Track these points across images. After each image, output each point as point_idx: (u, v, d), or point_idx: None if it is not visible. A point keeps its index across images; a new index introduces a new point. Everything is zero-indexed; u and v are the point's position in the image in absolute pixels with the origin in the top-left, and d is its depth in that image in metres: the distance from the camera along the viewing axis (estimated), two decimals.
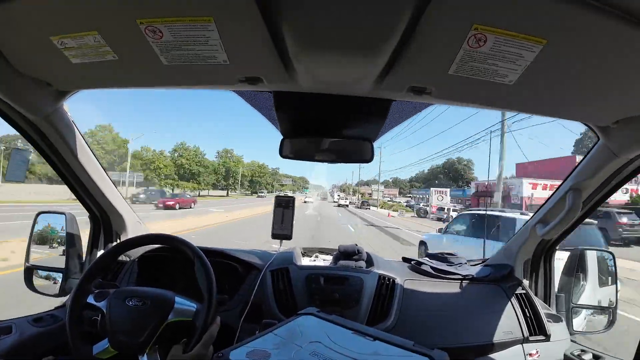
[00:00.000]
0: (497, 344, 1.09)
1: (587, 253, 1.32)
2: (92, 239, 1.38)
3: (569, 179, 1.06)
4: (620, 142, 0.85)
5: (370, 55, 0.62)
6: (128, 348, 0.80)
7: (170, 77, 0.75)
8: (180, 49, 0.62)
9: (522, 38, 0.54)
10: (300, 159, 1.11)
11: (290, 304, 1.12)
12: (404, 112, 0.97)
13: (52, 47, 0.64)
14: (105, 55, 0.66)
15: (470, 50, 0.58)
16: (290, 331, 0.74)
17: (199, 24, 0.56)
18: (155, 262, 1.27)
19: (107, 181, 1.25)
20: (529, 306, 1.20)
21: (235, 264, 1.26)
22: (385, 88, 0.76)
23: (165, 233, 1.02)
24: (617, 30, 0.50)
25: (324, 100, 0.85)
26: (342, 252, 1.37)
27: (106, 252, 0.99)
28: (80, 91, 0.90)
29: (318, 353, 0.64)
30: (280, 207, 1.33)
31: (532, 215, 1.28)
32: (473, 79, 0.65)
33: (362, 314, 1.10)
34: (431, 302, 1.18)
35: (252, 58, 0.67)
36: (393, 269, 1.28)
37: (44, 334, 1.04)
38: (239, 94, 0.93)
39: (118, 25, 0.58)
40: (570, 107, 0.76)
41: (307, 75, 0.72)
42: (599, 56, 0.56)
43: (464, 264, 1.42)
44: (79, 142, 1.07)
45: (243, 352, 0.64)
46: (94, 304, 0.88)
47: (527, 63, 0.59)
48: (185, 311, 0.86)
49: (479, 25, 0.52)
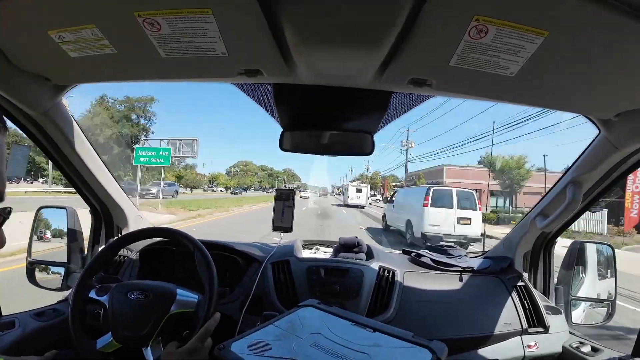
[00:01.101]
0: (496, 335, 1.10)
1: (587, 246, 1.32)
2: (93, 233, 1.39)
3: (569, 171, 1.06)
4: (622, 135, 0.85)
5: (370, 48, 0.62)
6: (131, 341, 0.81)
7: (169, 70, 0.74)
8: (179, 41, 0.62)
9: (524, 29, 0.53)
10: (300, 151, 1.11)
11: (290, 296, 1.13)
12: (405, 104, 0.97)
13: (49, 41, 0.63)
14: (104, 48, 0.65)
15: (472, 41, 0.57)
16: (291, 323, 0.75)
17: (197, 16, 0.56)
18: (157, 256, 1.28)
19: (108, 175, 1.25)
20: (528, 298, 1.20)
21: (236, 257, 1.26)
22: (386, 80, 0.75)
23: (165, 226, 1.03)
24: (620, 22, 0.49)
25: (324, 92, 0.85)
26: (342, 244, 1.38)
27: (107, 246, 1.00)
28: (78, 85, 0.90)
29: (318, 344, 0.65)
30: (280, 200, 1.33)
31: (532, 208, 1.28)
32: (474, 70, 0.65)
33: (362, 305, 1.11)
34: (431, 294, 1.19)
35: (251, 50, 0.66)
36: (393, 261, 1.28)
37: (46, 328, 1.05)
38: (238, 87, 0.92)
39: (116, 18, 0.58)
40: (572, 100, 0.76)
41: (307, 67, 0.72)
42: (601, 48, 0.56)
43: (464, 256, 1.43)
44: (79, 137, 1.07)
45: (244, 343, 0.65)
46: (96, 298, 0.89)
47: (529, 55, 0.59)
48: (188, 302, 0.87)
49: (480, 16, 0.52)
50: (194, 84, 0.90)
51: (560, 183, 1.12)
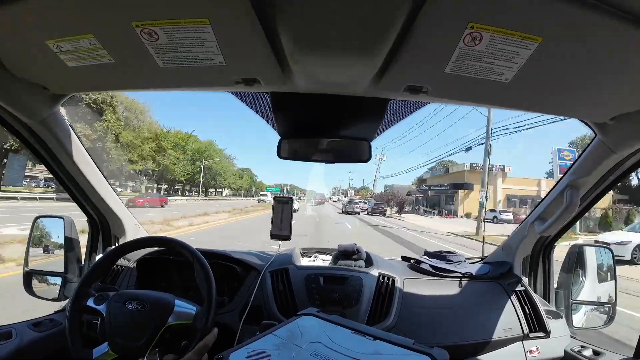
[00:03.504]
0: (497, 341, 1.09)
1: (586, 249, 1.32)
2: (90, 243, 1.37)
3: (567, 175, 1.06)
4: (617, 139, 0.86)
5: (366, 56, 0.62)
6: (128, 351, 0.80)
7: (167, 80, 0.75)
8: (177, 51, 0.62)
9: (518, 36, 0.54)
10: (298, 159, 1.11)
11: (290, 305, 1.12)
12: (401, 111, 0.97)
13: (47, 50, 0.64)
14: (101, 58, 0.66)
15: (466, 48, 0.58)
16: (291, 332, 0.74)
17: (194, 26, 0.56)
18: (155, 265, 1.27)
19: (105, 185, 1.25)
20: (529, 303, 1.20)
21: (234, 266, 1.26)
22: (382, 88, 0.76)
23: (164, 236, 1.02)
24: (612, 27, 0.50)
25: (321, 100, 0.85)
26: (341, 251, 1.37)
27: (105, 256, 0.99)
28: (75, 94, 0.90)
29: (318, 353, 0.64)
30: (279, 208, 1.33)
31: (530, 213, 1.29)
32: (469, 77, 0.66)
33: (362, 313, 1.10)
34: (431, 300, 1.18)
35: (249, 59, 0.67)
36: (392, 268, 1.28)
37: (43, 338, 1.04)
38: (235, 95, 0.93)
39: (114, 28, 0.58)
40: (567, 104, 0.76)
41: (304, 75, 0.72)
42: (594, 53, 0.57)
43: (463, 261, 1.42)
44: (76, 146, 1.06)
45: (243, 353, 0.64)
46: (93, 307, 0.88)
47: (523, 61, 0.59)
48: (185, 314, 0.86)
49: (474, 23, 0.52)
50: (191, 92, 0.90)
51: (558, 187, 1.12)
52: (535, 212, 1.23)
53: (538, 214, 1.21)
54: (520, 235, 1.33)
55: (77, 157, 1.08)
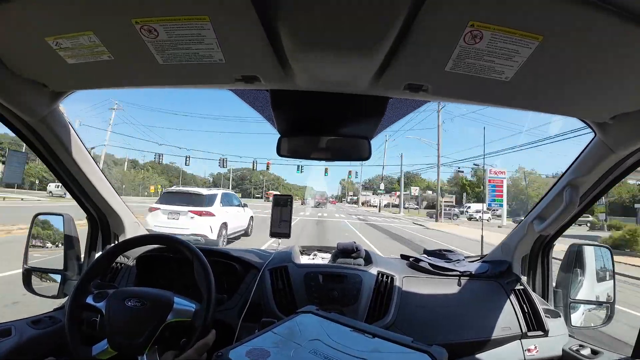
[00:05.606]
0: (495, 339, 1.10)
1: (585, 249, 1.32)
2: (90, 240, 1.37)
3: (566, 175, 1.06)
4: (617, 138, 0.86)
5: (366, 54, 0.62)
6: (127, 349, 0.80)
7: (167, 77, 0.74)
8: (176, 48, 0.62)
9: (518, 34, 0.54)
10: (298, 157, 1.11)
11: (289, 303, 1.12)
12: (401, 109, 0.97)
13: (47, 47, 0.64)
14: (101, 55, 0.65)
15: (467, 47, 0.58)
16: (290, 329, 0.74)
17: (194, 23, 0.56)
18: (154, 263, 1.27)
19: (105, 182, 1.24)
20: (527, 302, 1.20)
21: (233, 263, 1.26)
22: (382, 86, 0.76)
23: (163, 233, 1.02)
24: (613, 26, 0.50)
25: (321, 98, 0.85)
26: (340, 250, 1.37)
27: (104, 253, 0.99)
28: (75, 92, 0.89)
29: (317, 351, 0.64)
30: (278, 206, 1.33)
31: (530, 212, 1.29)
32: (469, 75, 0.66)
33: (361, 311, 1.10)
34: (430, 298, 1.18)
35: (249, 57, 0.66)
36: (391, 266, 1.28)
37: (43, 335, 1.04)
38: (235, 93, 0.92)
39: (113, 25, 0.58)
40: (567, 103, 0.76)
41: (304, 73, 0.72)
42: (595, 52, 0.56)
43: (462, 260, 1.42)
44: (76, 143, 1.06)
45: (242, 351, 0.64)
46: (93, 304, 0.88)
47: (523, 59, 0.59)
48: (185, 311, 0.86)
49: (475, 21, 0.52)
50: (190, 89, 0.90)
51: (557, 186, 1.12)
52: (535, 211, 1.23)
53: (537, 213, 1.21)
54: (519, 234, 1.34)
55: (77, 154, 1.08)
